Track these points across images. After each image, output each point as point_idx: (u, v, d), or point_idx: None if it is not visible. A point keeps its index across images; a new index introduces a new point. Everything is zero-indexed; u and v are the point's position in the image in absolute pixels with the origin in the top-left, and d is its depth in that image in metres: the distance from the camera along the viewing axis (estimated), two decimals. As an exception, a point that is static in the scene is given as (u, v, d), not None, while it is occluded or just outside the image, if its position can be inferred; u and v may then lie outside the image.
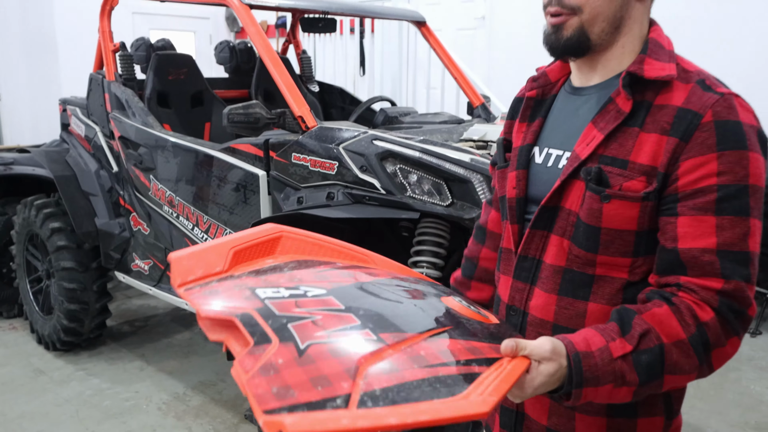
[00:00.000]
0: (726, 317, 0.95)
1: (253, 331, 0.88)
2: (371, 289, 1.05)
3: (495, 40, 5.73)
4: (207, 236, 2.75)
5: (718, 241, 0.96)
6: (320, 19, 3.38)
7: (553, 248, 1.10)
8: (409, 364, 0.86)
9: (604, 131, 1.03)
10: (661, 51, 1.05)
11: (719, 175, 0.95)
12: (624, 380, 0.94)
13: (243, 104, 2.31)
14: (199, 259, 1.07)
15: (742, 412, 3.08)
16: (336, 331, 0.90)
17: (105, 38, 3.27)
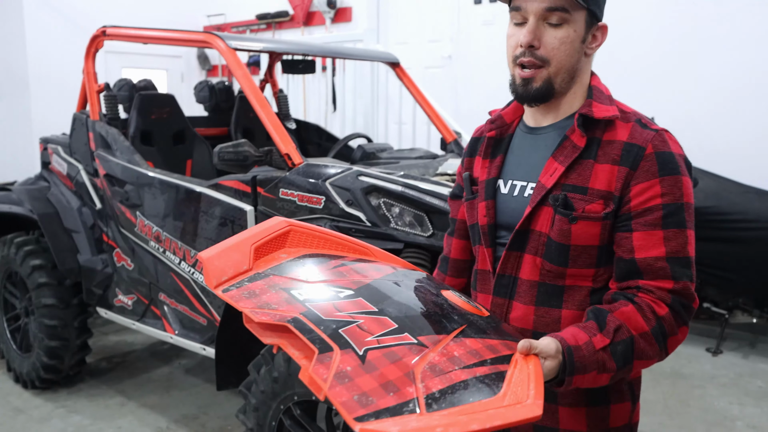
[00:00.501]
0: (677, 311, 1.17)
1: (312, 338, 0.97)
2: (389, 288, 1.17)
3: (461, 78, 5.98)
4: (194, 270, 2.82)
5: (666, 250, 1.17)
6: (300, 61, 3.53)
7: (527, 266, 1.28)
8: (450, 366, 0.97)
9: (564, 164, 1.22)
10: (602, 96, 1.27)
11: (662, 196, 1.18)
12: (605, 367, 1.13)
13: (232, 143, 2.43)
14: (227, 259, 1.16)
15: (707, 427, 3.25)
16: (381, 336, 1.01)
17: (90, 79, 3.36)
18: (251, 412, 2.29)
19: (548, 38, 1.21)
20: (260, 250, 1.22)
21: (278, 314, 1.01)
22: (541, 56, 1.21)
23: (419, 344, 1.00)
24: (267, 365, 2.21)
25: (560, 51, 1.21)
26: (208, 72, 8.17)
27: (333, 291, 1.10)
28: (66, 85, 6.82)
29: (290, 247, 1.25)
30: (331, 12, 6.75)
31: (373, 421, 0.84)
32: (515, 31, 1.25)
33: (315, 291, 1.11)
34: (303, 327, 0.99)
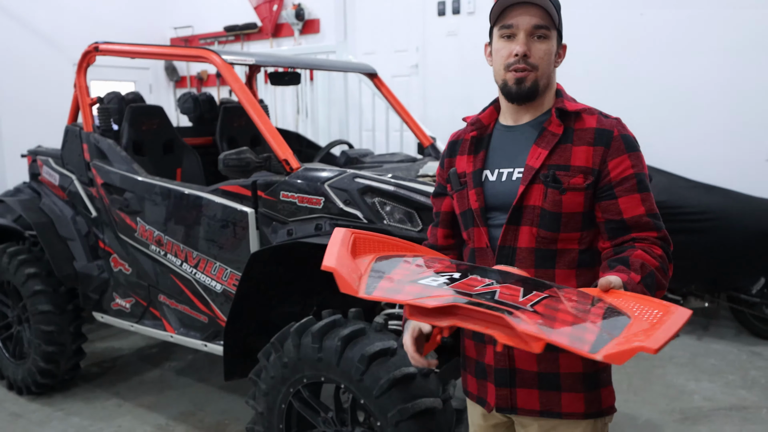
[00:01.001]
0: (666, 251, 1.45)
1: (489, 307, 1.04)
2: (477, 268, 1.28)
3: (428, 86, 6.25)
4: (196, 271, 3.00)
5: (645, 209, 1.47)
6: (287, 73, 3.74)
7: (524, 236, 1.51)
8: (584, 307, 1.12)
9: (546, 148, 1.50)
10: (567, 96, 1.58)
11: (633, 167, 1.47)
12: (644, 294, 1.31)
13: (235, 151, 2.63)
14: (348, 268, 1.19)
15: (668, 401, 3.57)
16: (524, 297, 1.11)
17: (82, 93, 3.50)
18: (261, 397, 2.49)
19: (535, 50, 1.49)
20: (354, 252, 1.29)
21: (441, 299, 1.07)
22: (532, 63, 1.48)
23: (553, 296, 1.14)
24: (277, 352, 2.42)
25: (544, 60, 1.50)
26: (176, 83, 8.27)
27: (446, 277, 1.19)
28: (34, 102, 6.86)
29: (361, 253, 1.32)
30: (299, 24, 6.96)
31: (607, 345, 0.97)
32: (505, 44, 1.51)
33: (435, 278, 1.18)
34: (474, 303, 1.05)
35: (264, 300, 2.82)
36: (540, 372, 1.52)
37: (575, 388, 1.51)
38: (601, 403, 1.54)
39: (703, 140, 4.77)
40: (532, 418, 1.55)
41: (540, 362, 1.51)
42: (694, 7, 4.80)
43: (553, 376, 1.51)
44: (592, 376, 1.53)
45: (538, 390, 1.53)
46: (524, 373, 1.53)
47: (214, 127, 4.20)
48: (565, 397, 1.52)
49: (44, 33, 7.01)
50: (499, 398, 1.56)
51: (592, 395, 1.53)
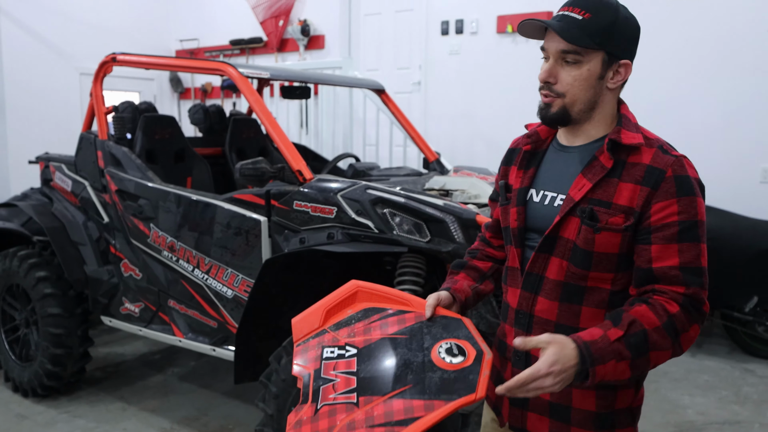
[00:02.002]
0: (688, 310, 1.32)
1: (306, 391, 1.44)
2: (384, 347, 1.51)
3: (429, 103, 6.38)
4: (208, 277, 3.08)
5: (680, 261, 1.33)
6: (298, 87, 3.85)
7: (554, 267, 1.44)
8: (362, 424, 1.36)
9: (592, 181, 1.39)
10: (630, 124, 1.45)
11: (679, 214, 1.33)
12: (621, 356, 1.28)
13: (251, 161, 2.72)
14: (305, 321, 1.59)
15: (662, 414, 3.65)
16: (339, 395, 1.43)
17: (98, 101, 3.60)
18: (271, 400, 2.56)
19: (564, 75, 1.41)
20: (331, 311, 1.62)
21: (301, 369, 1.51)
22: (557, 90, 1.42)
23: (354, 404, 1.41)
24: (288, 355, 2.50)
25: (574, 87, 1.40)
26: (180, 95, 8.38)
27: (346, 350, 1.52)
28: (40, 109, 6.95)
29: (357, 302, 1.63)
30: (304, 39, 7.10)
31: None
32: (542, 65, 1.45)
33: (336, 345, 1.54)
34: (306, 382, 1.48)
35: (274, 306, 2.90)
36: (551, 401, 1.49)
37: (585, 426, 1.47)
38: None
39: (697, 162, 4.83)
40: None
41: (552, 393, 1.39)
42: (688, 27, 4.96)
43: (564, 408, 1.48)
44: (606, 417, 1.46)
45: (549, 419, 1.50)
46: (537, 399, 1.50)
47: (224, 138, 4.30)
48: (575, 431, 1.48)
49: (51, 42, 7.12)
50: (512, 417, 1.56)
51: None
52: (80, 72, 7.35)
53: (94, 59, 7.01)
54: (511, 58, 5.79)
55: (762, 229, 4.37)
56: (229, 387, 4.06)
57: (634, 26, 1.44)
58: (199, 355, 4.59)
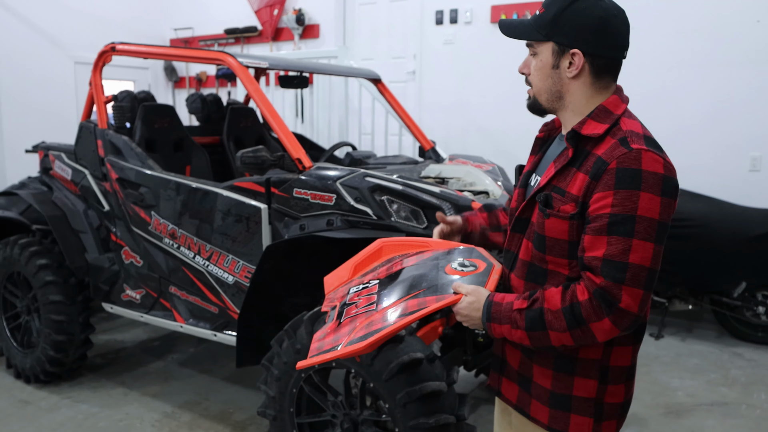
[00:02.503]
0: (598, 302, 1.34)
1: (331, 315, 1.62)
2: (404, 273, 1.65)
3: (424, 92, 6.43)
4: (209, 263, 3.14)
5: (604, 253, 1.34)
6: (295, 77, 3.89)
7: (524, 248, 1.56)
8: (379, 319, 1.52)
9: (556, 168, 1.48)
10: (605, 115, 1.45)
11: (612, 206, 1.33)
12: (516, 324, 1.43)
13: (252, 149, 2.77)
14: (335, 276, 1.78)
15: (653, 396, 3.75)
16: (361, 309, 1.58)
17: (98, 91, 3.63)
18: (273, 382, 2.63)
19: (531, 67, 1.54)
20: (360, 266, 1.80)
21: (329, 304, 1.71)
22: (529, 80, 1.55)
23: (373, 310, 1.55)
24: (290, 339, 2.56)
25: (535, 77, 1.52)
26: (175, 84, 8.39)
27: (369, 284, 1.68)
28: (35, 98, 6.96)
29: (383, 255, 1.81)
30: (299, 28, 7.12)
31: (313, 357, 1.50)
32: None
33: (361, 283, 1.70)
34: (332, 311, 1.66)
35: (274, 291, 2.96)
36: (519, 371, 1.60)
37: (541, 400, 1.55)
38: (568, 426, 1.51)
39: (688, 151, 4.98)
40: (511, 408, 1.66)
41: (520, 363, 1.60)
42: (679, 19, 5.02)
43: (527, 380, 1.58)
44: (562, 398, 1.51)
45: (518, 386, 1.61)
46: (509, 366, 1.63)
47: (221, 127, 4.35)
48: (534, 402, 1.57)
49: (46, 32, 7.11)
50: (492, 379, 1.70)
51: (559, 414, 1.52)
52: (75, 61, 7.35)
53: (89, 48, 7.07)
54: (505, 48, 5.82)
55: (750, 216, 4.46)
56: (228, 372, 4.13)
57: (588, 16, 1.43)
58: (198, 342, 4.66)
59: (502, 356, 1.65)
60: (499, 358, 1.66)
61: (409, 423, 2.26)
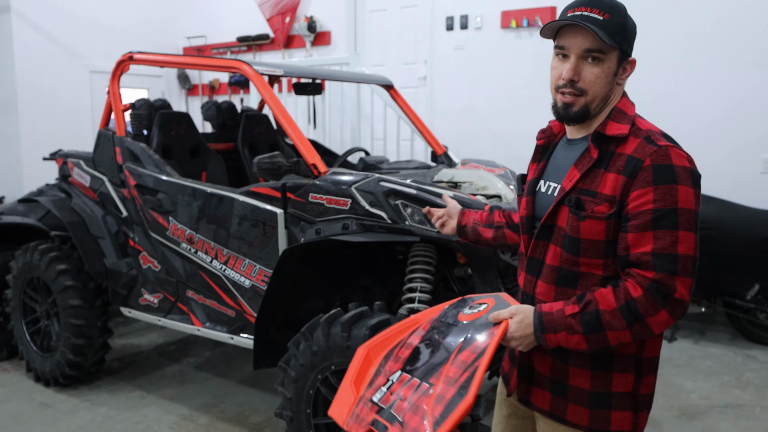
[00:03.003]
0: (654, 295, 1.37)
1: (380, 428, 1.52)
2: (422, 350, 1.63)
3: (435, 98, 6.48)
4: (226, 267, 3.19)
5: (653, 247, 1.38)
6: (309, 84, 3.95)
7: (551, 253, 1.55)
8: (446, 387, 1.46)
9: (581, 171, 1.50)
10: (621, 116, 1.51)
11: (654, 202, 1.38)
12: (573, 330, 1.43)
13: (268, 155, 2.82)
14: (339, 404, 1.69)
15: (666, 399, 3.76)
16: (412, 395, 1.52)
17: (116, 99, 3.70)
18: (290, 384, 2.67)
19: (586, 73, 1.48)
20: (358, 379, 1.72)
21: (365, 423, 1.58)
22: (580, 88, 1.48)
23: (429, 387, 1.50)
24: (306, 341, 2.61)
25: (596, 84, 1.48)
26: (188, 91, 8.49)
27: (390, 379, 1.62)
28: (52, 107, 7.07)
29: (374, 359, 1.75)
30: (311, 36, 7.19)
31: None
32: (558, 65, 1.52)
33: (381, 386, 1.63)
34: (377, 424, 1.54)
35: (291, 295, 3.01)
36: (551, 378, 1.59)
37: (580, 402, 1.54)
38: (609, 425, 1.53)
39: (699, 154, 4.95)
40: (542, 415, 1.64)
41: (552, 369, 1.58)
42: (688, 20, 5.04)
43: (562, 385, 1.57)
44: (602, 396, 1.53)
45: (550, 393, 1.59)
46: (539, 375, 1.61)
47: (236, 133, 4.41)
48: (571, 407, 1.56)
49: (62, 42, 7.23)
50: (519, 389, 1.67)
51: (599, 414, 1.53)
52: (90, 70, 7.47)
53: (104, 58, 7.19)
54: (515, 53, 5.88)
55: (763, 218, 4.46)
56: (244, 375, 4.18)
57: (635, 25, 1.55)
58: (214, 346, 4.72)
59: (529, 364, 1.63)
60: (526, 367, 1.64)
61: None
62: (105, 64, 7.15)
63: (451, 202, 2.12)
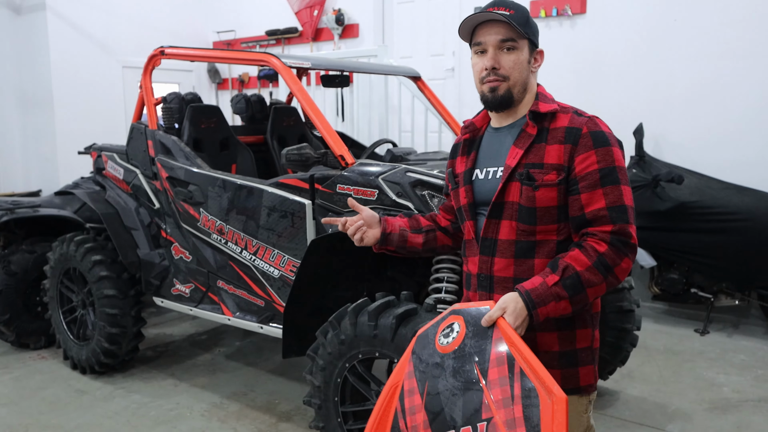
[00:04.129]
0: (617, 246, 1.56)
1: None
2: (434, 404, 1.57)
3: (463, 89, 6.45)
4: (255, 257, 3.24)
5: (606, 202, 1.57)
6: (337, 76, 3.97)
7: (505, 229, 1.68)
8: (507, 410, 1.42)
9: (522, 148, 1.65)
10: (546, 98, 1.72)
11: (598, 162, 1.59)
12: (559, 297, 1.54)
13: (296, 146, 2.86)
14: None
15: (697, 392, 3.71)
16: None
17: (148, 93, 3.77)
18: (318, 372, 2.71)
19: (505, 61, 1.66)
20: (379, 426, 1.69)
21: None
22: (502, 74, 1.66)
23: (486, 422, 1.44)
24: (334, 330, 2.64)
25: (515, 69, 1.66)
26: (218, 85, 8.59)
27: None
28: (86, 102, 7.23)
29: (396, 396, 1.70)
30: (339, 28, 7.21)
31: None
32: (478, 60, 1.70)
33: None
34: None
35: (318, 285, 3.04)
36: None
37: (552, 365, 1.63)
38: (579, 381, 1.67)
39: (735, 143, 4.89)
40: None
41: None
42: (726, 12, 4.93)
43: None
44: (569, 354, 1.67)
45: None
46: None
47: (265, 126, 4.46)
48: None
49: (95, 38, 7.38)
50: None
51: (569, 372, 1.67)
52: (123, 65, 7.60)
53: (136, 53, 7.32)
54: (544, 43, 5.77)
55: (800, 209, 4.36)
56: (273, 365, 4.24)
57: (536, 24, 1.74)
58: (244, 336, 4.79)
59: None
60: None
61: None
62: (137, 60, 7.27)
63: (366, 210, 2.00)
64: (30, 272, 4.51)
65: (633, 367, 4.03)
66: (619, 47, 5.33)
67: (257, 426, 3.41)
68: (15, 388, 3.94)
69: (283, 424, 3.43)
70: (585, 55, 5.54)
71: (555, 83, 5.57)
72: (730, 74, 4.96)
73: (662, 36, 5.14)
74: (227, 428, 3.39)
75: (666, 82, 5.19)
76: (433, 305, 2.57)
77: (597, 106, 4.86)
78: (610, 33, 5.38)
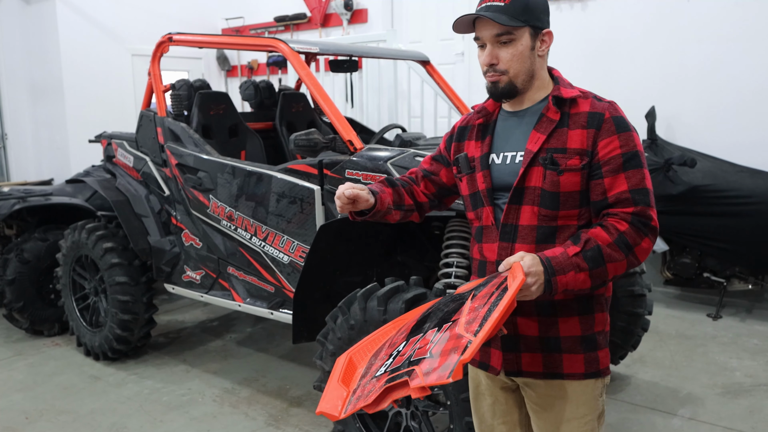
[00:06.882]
0: (637, 226, 1.55)
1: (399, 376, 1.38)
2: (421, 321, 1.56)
3: (473, 73, 6.40)
4: (264, 243, 3.25)
5: (629, 185, 1.57)
6: (345, 61, 3.95)
7: (526, 214, 1.64)
8: (474, 312, 1.40)
9: (544, 133, 1.62)
10: (565, 83, 1.69)
11: (621, 147, 1.58)
12: (580, 267, 1.51)
13: (305, 132, 2.85)
14: (328, 401, 1.55)
15: (710, 377, 3.69)
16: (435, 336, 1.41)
17: (156, 80, 3.77)
18: (328, 357, 2.72)
19: (502, 56, 1.62)
20: (345, 378, 1.63)
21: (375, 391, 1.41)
22: (500, 69, 1.63)
23: (452, 323, 1.41)
24: (344, 315, 2.64)
25: (513, 63, 1.62)
26: (227, 72, 8.57)
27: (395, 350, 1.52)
28: (96, 91, 7.24)
29: (360, 361, 1.68)
30: (347, 14, 7.16)
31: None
32: (481, 54, 1.67)
33: (385, 360, 1.52)
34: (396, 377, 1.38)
35: (328, 270, 3.04)
36: (541, 336, 1.66)
37: (575, 350, 1.64)
38: (599, 364, 1.67)
39: (748, 125, 4.83)
40: (536, 379, 1.68)
41: (541, 328, 1.65)
42: (742, -7, 4.85)
43: (554, 340, 1.65)
44: (590, 339, 1.66)
45: (541, 354, 1.66)
46: (528, 339, 1.66)
47: (274, 112, 4.45)
48: (566, 358, 1.65)
49: (104, 26, 7.37)
50: (506, 362, 1.69)
51: (591, 356, 1.66)
52: (132, 53, 7.60)
53: (145, 41, 7.30)
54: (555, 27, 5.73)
55: (815, 192, 4.31)
56: (284, 351, 4.26)
57: (544, 1, 1.68)
58: (255, 322, 4.81)
59: (514, 333, 1.67)
60: (511, 337, 1.67)
61: (466, 418, 2.30)
62: (146, 48, 7.23)
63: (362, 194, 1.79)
64: (43, 260, 4.55)
65: (645, 352, 4.02)
66: (630, 30, 5.26)
67: (268, 411, 3.43)
68: (30, 374, 3.98)
69: (294, 408, 3.45)
70: (596, 38, 5.47)
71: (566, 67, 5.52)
72: (743, 56, 4.88)
73: (674, 17, 5.07)
74: (239, 413, 3.42)
75: (678, 64, 5.12)
76: (442, 290, 2.56)
77: (608, 90, 4.81)
78: (621, 16, 5.31)
